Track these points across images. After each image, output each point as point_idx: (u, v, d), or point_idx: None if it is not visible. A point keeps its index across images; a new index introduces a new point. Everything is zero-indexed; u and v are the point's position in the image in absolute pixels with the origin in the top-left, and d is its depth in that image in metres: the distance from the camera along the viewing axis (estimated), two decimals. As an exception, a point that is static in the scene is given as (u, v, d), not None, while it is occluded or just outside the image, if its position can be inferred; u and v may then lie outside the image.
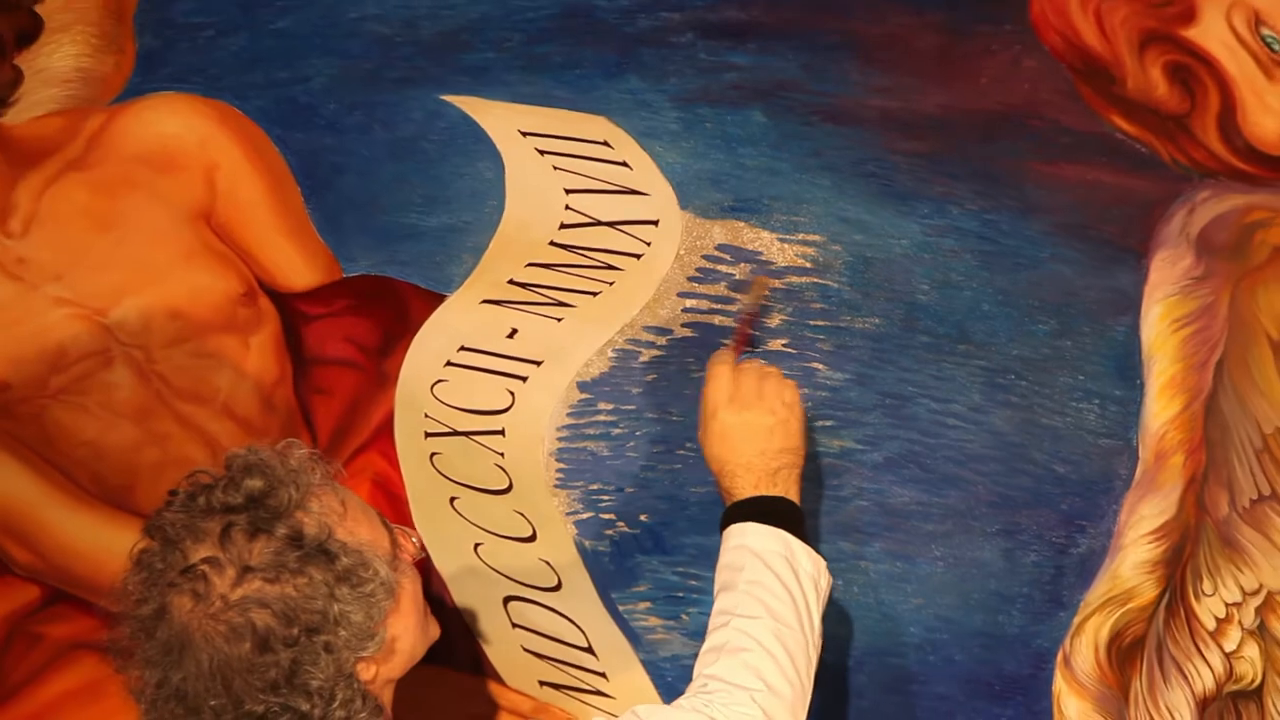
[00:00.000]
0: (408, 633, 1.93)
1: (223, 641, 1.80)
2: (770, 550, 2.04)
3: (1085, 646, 2.24)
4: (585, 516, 2.32)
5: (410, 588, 1.95)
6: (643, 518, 2.32)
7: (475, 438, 2.33)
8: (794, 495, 2.11)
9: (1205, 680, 2.23)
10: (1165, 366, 2.26)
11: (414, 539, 2.02)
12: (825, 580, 2.08)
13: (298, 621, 1.82)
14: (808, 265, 2.31)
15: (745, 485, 2.10)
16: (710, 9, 2.32)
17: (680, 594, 2.30)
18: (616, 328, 2.33)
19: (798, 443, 2.14)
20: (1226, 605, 2.23)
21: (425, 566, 2.31)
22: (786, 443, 2.11)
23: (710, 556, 2.15)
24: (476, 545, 2.31)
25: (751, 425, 2.11)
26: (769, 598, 2.01)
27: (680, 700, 1.95)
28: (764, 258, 2.33)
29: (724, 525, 2.10)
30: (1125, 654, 2.24)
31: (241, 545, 1.82)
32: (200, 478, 1.89)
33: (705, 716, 1.90)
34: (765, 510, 2.08)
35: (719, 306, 2.32)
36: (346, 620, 1.84)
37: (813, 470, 2.29)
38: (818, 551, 2.08)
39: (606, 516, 2.33)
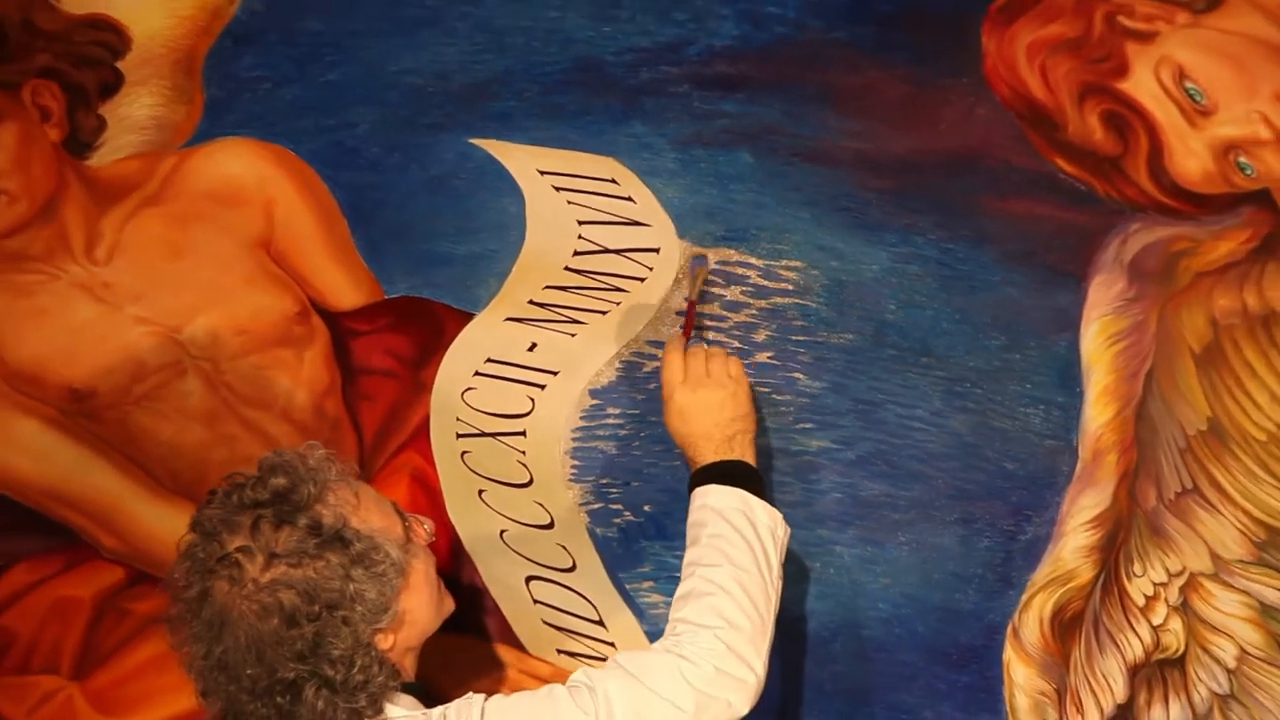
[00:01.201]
0: (420, 607, 2.06)
1: (255, 619, 1.95)
2: (729, 506, 2.16)
3: (1031, 620, 2.39)
4: (596, 507, 2.47)
5: (421, 567, 2.08)
6: (646, 508, 2.46)
7: (500, 438, 2.47)
8: (749, 457, 2.22)
9: (1136, 650, 2.37)
10: (1101, 377, 2.37)
11: (426, 525, 2.14)
12: (782, 530, 2.19)
13: (319, 599, 1.96)
14: (789, 288, 2.41)
15: (706, 453, 2.20)
16: (704, 63, 2.40)
17: (678, 574, 2.29)
18: (623, 342, 2.46)
19: (747, 410, 2.24)
20: (1154, 585, 2.36)
21: (457, 550, 2.47)
22: (737, 411, 2.22)
23: None
24: (502, 532, 2.47)
25: (705, 401, 2.21)
26: (728, 548, 2.12)
27: (655, 644, 2.09)
28: (751, 281, 2.42)
29: (690, 489, 2.21)
30: (1066, 627, 2.38)
31: (269, 535, 1.96)
32: (235, 478, 2.04)
33: (675, 654, 2.03)
34: (724, 472, 2.19)
35: (712, 323, 2.43)
36: (361, 597, 1.98)
37: (794, 466, 2.42)
38: (777, 509, 2.18)
39: (615, 507, 2.47)
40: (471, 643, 2.48)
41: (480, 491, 2.48)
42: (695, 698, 2.00)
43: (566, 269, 2.46)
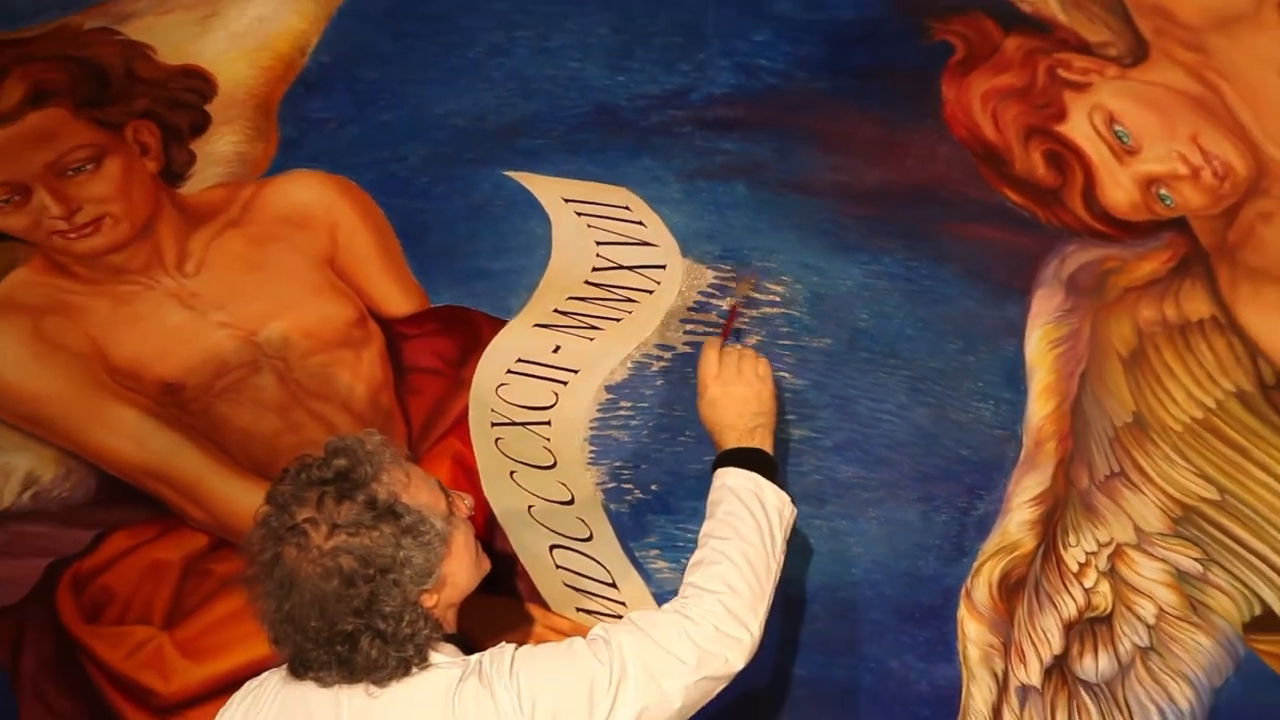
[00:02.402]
0: (460, 570, 2.13)
1: (319, 579, 2.02)
2: (743, 487, 2.22)
3: (982, 584, 2.48)
4: (610, 486, 2.54)
5: (462, 537, 2.14)
6: (653, 487, 2.54)
7: (529, 427, 2.55)
8: (768, 447, 2.28)
9: (1070, 609, 2.46)
10: (1043, 376, 2.45)
11: (466, 501, 2.20)
12: (789, 511, 2.24)
13: (373, 564, 2.03)
14: (777, 299, 2.50)
15: (730, 439, 2.28)
16: (705, 108, 2.48)
17: (680, 544, 2.51)
18: (634, 345, 2.53)
19: (770, 407, 2.30)
20: (1086, 554, 2.45)
21: (491, 522, 2.52)
22: (760, 407, 2.29)
23: (703, 517, 2.32)
24: (530, 507, 2.55)
25: (734, 395, 2.29)
26: (738, 523, 2.19)
27: (665, 605, 2.16)
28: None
29: (713, 470, 2.28)
30: (1011, 589, 2.47)
31: (332, 508, 2.03)
32: (304, 459, 2.10)
33: (681, 615, 2.11)
34: (743, 458, 2.26)
35: (710, 330, 2.49)
36: (410, 562, 2.04)
37: (780, 453, 2.43)
38: (785, 490, 2.25)
39: (626, 486, 2.55)
40: (504, 601, 2.56)
41: (511, 472, 2.56)
42: (697, 653, 2.07)
43: (586, 282, 2.54)
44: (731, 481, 2.24)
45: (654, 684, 2.06)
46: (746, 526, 2.20)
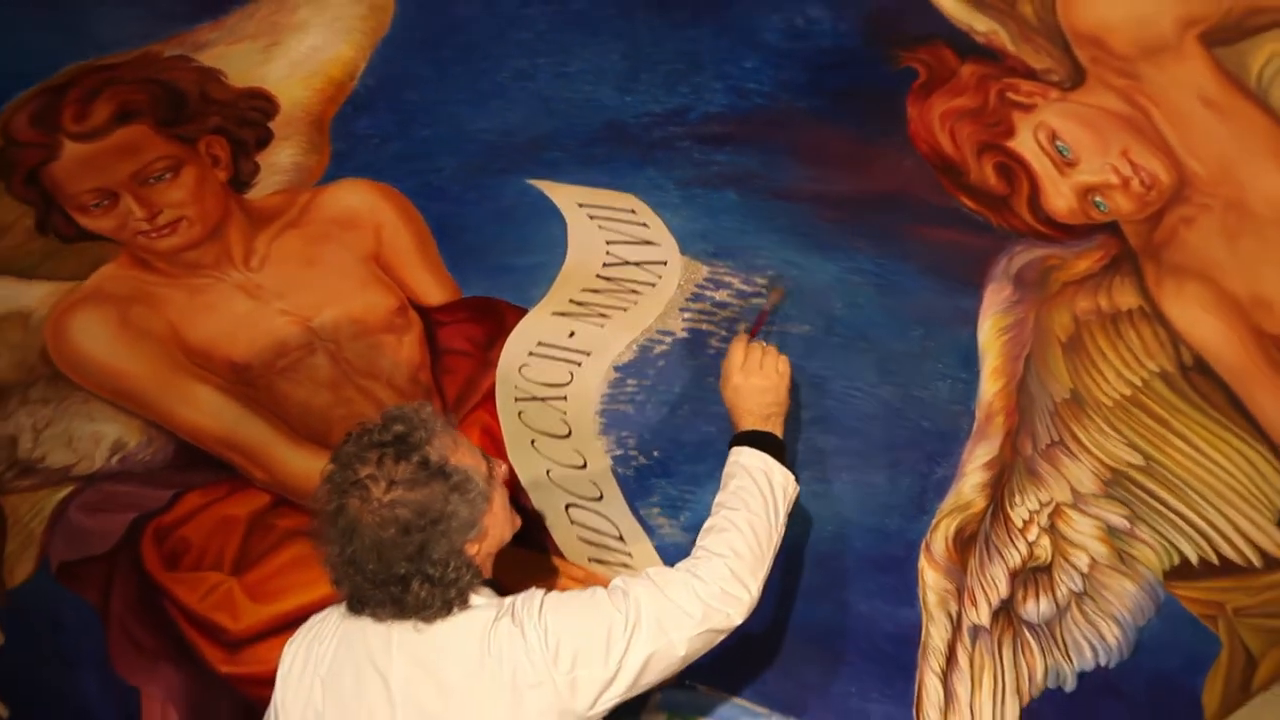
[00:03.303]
0: (497, 525, 2.24)
1: (378, 528, 2.12)
2: (753, 465, 2.31)
3: (939, 538, 2.57)
4: (618, 453, 2.67)
5: (499, 497, 2.25)
6: (655, 454, 2.67)
7: (548, 401, 2.66)
8: (779, 432, 2.37)
9: (1015, 560, 2.54)
10: (993, 359, 2.49)
11: (502, 467, 2.31)
12: (792, 489, 2.33)
13: (426, 516, 2.12)
14: (762, 292, 2.56)
15: (747, 423, 2.36)
16: (701, 125, 2.45)
17: (679, 504, 2.67)
18: (639, 331, 2.62)
19: (785, 399, 2.38)
20: (1030, 512, 2.51)
21: (515, 484, 2.65)
22: (777, 398, 2.37)
23: (698, 481, 2.59)
24: (548, 471, 2.69)
25: (755, 385, 2.37)
26: (747, 496, 2.28)
27: (678, 564, 2.25)
28: (734, 286, 2.55)
29: (730, 447, 2.36)
30: (965, 543, 2.56)
31: (390, 467, 2.13)
32: (366, 424, 2.21)
33: (691, 574, 2.21)
34: (757, 440, 2.35)
35: (705, 317, 2.57)
36: (457, 516, 2.14)
37: None
38: (792, 470, 2.34)
39: (632, 453, 2.67)
40: (530, 554, 2.68)
41: (532, 441, 2.67)
42: (702, 608, 2.17)
43: (598, 276, 2.61)
44: (745, 459, 2.32)
45: (663, 633, 2.15)
46: (754, 500, 2.28)
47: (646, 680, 2.16)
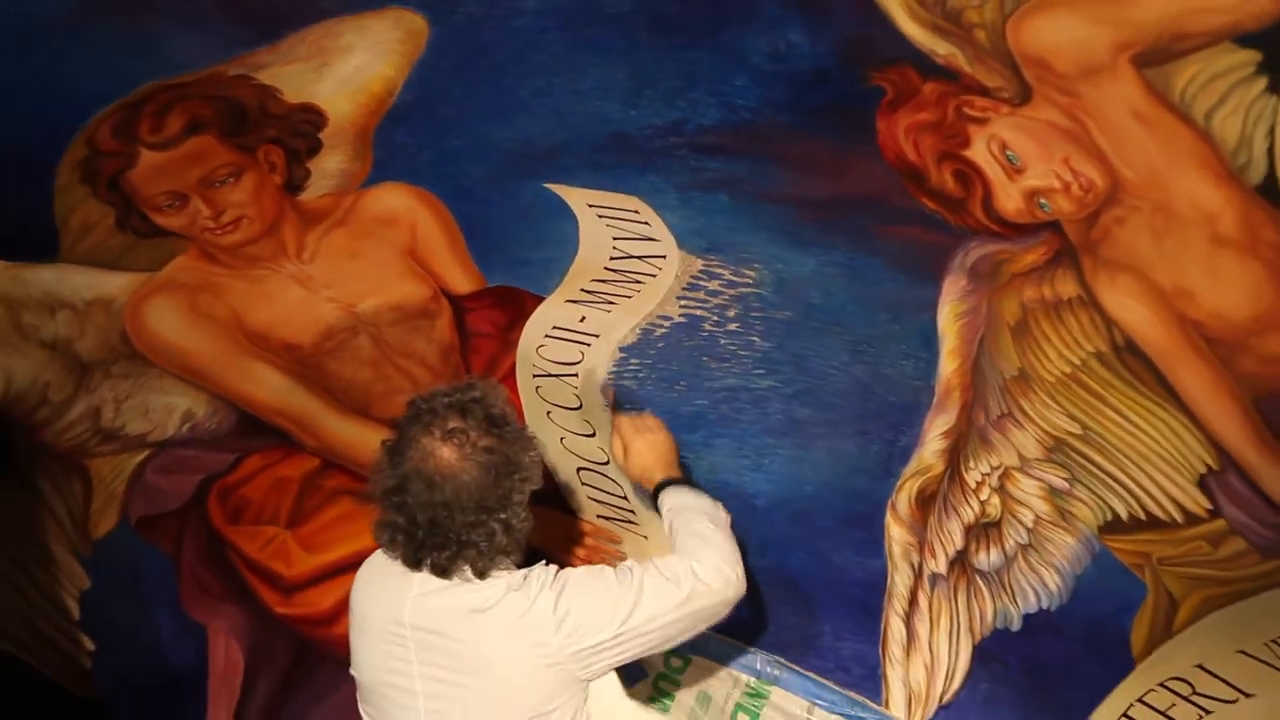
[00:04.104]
0: (541, 481, 2.30)
1: (478, 472, 2.17)
2: (687, 503, 2.43)
3: (904, 498, 2.75)
4: None
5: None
6: None
7: (562, 378, 2.82)
8: (680, 474, 2.49)
9: (969, 516, 2.72)
10: (950, 341, 2.63)
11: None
12: (725, 511, 2.41)
13: (512, 465, 2.20)
14: (750, 282, 2.70)
15: (658, 475, 2.49)
16: (697, 135, 2.56)
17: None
18: (640, 316, 2.77)
19: (673, 442, 2.52)
20: (982, 474, 2.69)
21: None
22: (669, 443, 2.52)
23: (692, 449, 2.72)
24: (561, 438, 2.86)
25: (648, 440, 2.51)
26: (696, 521, 2.39)
27: (677, 554, 2.35)
28: (725, 277, 2.69)
29: (654, 499, 2.47)
30: (926, 502, 2.74)
31: (478, 419, 2.19)
32: (447, 387, 2.24)
33: (692, 559, 2.32)
34: (675, 483, 2.49)
35: (699, 304, 2.72)
36: (531, 468, 2.24)
37: (752, 398, 2.71)
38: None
39: None
40: (548, 510, 2.84)
41: (549, 412, 2.83)
42: (691, 584, 2.25)
43: (605, 268, 2.75)
44: (676, 501, 2.44)
45: (661, 610, 2.25)
46: (705, 522, 2.39)
47: (647, 644, 2.26)
